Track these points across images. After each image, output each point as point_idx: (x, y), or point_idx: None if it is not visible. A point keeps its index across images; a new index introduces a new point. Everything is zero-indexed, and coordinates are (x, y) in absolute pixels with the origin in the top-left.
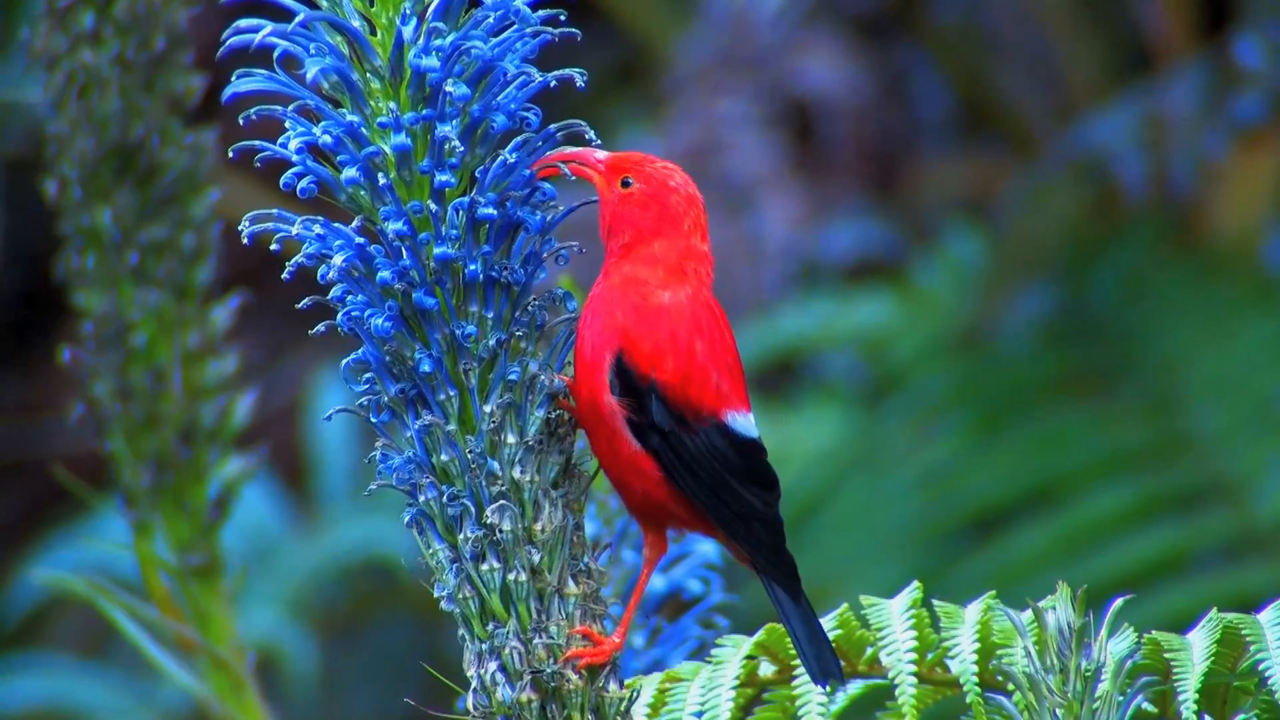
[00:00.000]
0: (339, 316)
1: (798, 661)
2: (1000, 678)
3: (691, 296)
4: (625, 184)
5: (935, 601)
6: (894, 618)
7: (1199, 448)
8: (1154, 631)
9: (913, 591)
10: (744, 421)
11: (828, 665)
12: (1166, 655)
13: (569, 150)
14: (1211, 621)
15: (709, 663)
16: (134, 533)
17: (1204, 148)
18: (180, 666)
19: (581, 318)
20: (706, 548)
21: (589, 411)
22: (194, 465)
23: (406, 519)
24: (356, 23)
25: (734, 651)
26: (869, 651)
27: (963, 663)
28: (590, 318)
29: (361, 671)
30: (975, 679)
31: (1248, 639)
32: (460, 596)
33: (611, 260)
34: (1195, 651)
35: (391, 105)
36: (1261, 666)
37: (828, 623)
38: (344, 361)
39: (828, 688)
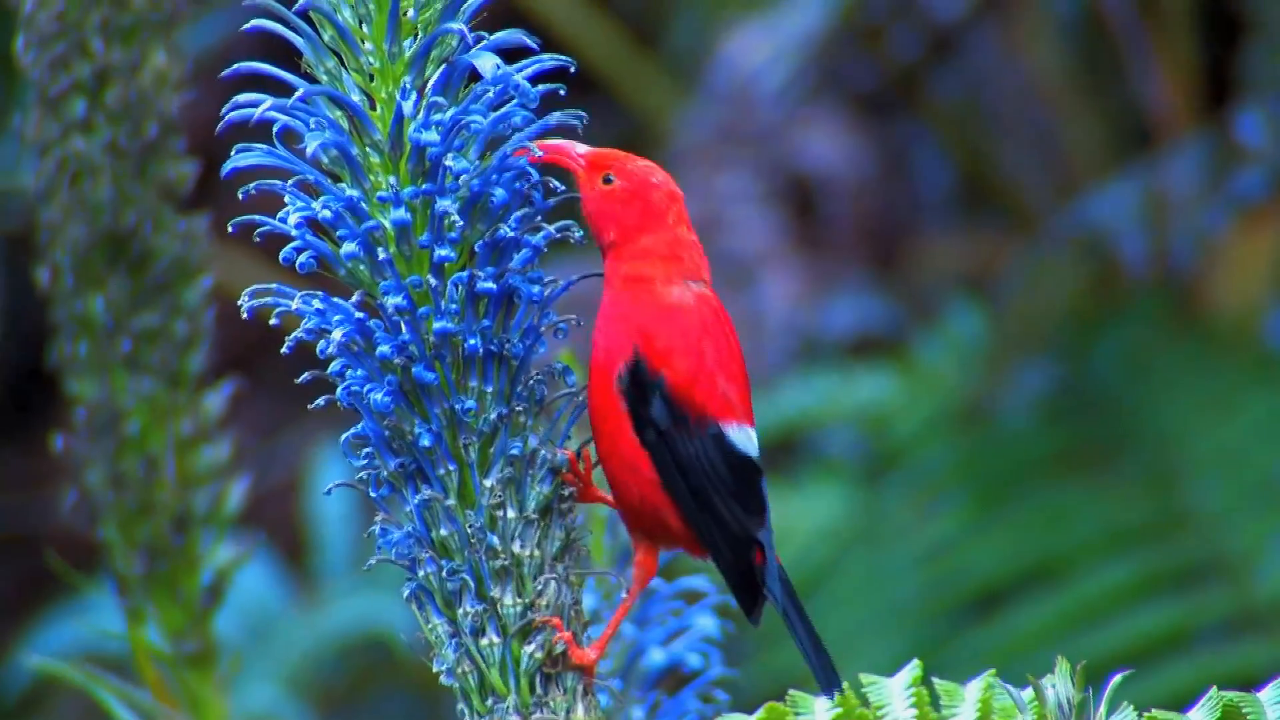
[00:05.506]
0: (338, 391)
1: None
2: None
3: (698, 296)
4: (607, 180)
5: (935, 679)
6: (894, 696)
7: (1199, 524)
8: (1154, 710)
9: (913, 669)
10: (743, 436)
11: (830, 675)
12: None
13: (552, 141)
14: (1212, 699)
15: None
16: (128, 620)
17: (1205, 224)
18: None
19: (596, 324)
20: (706, 621)
21: (595, 409)
22: (187, 553)
23: (406, 593)
24: (356, 97)
25: None
26: None
27: None
28: (603, 322)
29: None
30: None
31: (1249, 717)
32: (460, 671)
33: (608, 264)
34: None
35: (391, 180)
36: None
37: (826, 701)
38: (343, 436)
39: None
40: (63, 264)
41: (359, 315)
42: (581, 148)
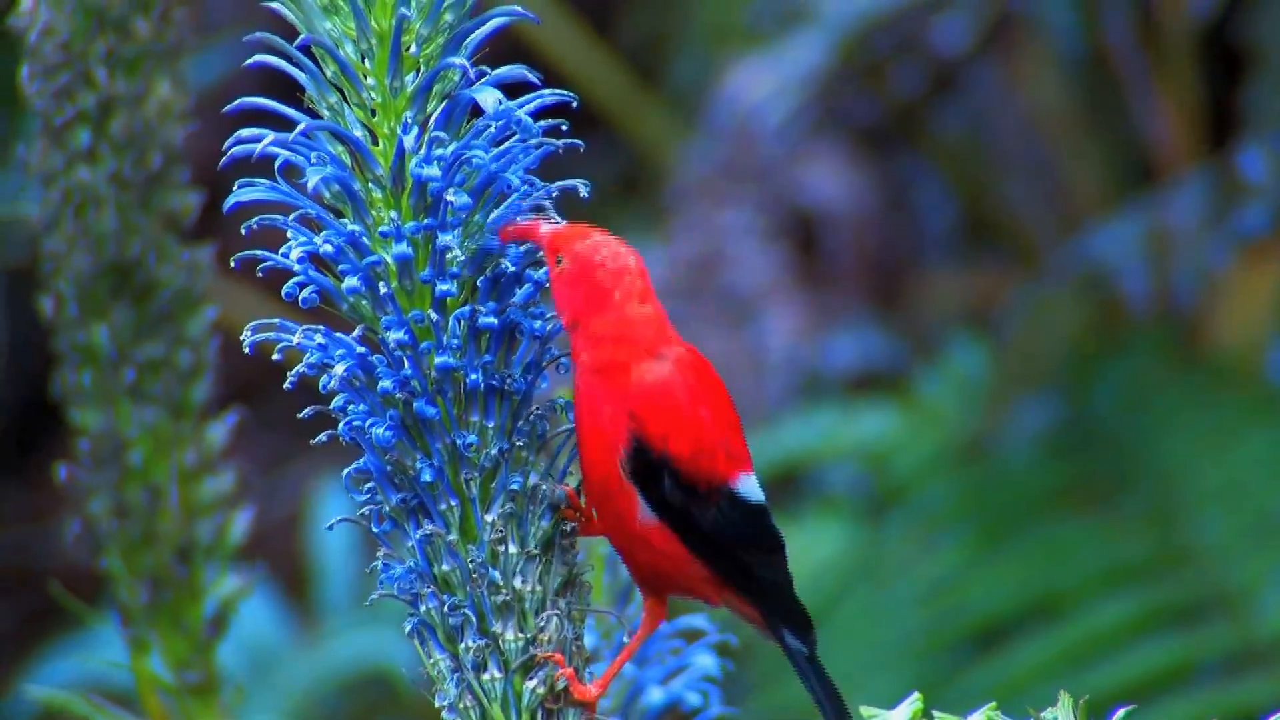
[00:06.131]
0: (340, 426)
1: None
2: None
3: (674, 361)
4: (559, 262)
5: (936, 713)
6: None
7: (1201, 560)
8: None
9: (913, 703)
10: (749, 485)
11: (841, 713)
12: None
13: (521, 222)
14: None
15: None
16: (131, 650)
17: (1207, 260)
18: None
19: (577, 413)
20: (705, 660)
21: (598, 492)
22: (191, 583)
23: (408, 628)
24: (358, 132)
25: None
26: None
27: None
28: (587, 413)
29: None
30: None
31: None
32: (462, 706)
33: (573, 348)
34: None
35: (393, 214)
36: None
37: None
38: (345, 471)
39: None
40: (66, 294)
41: (361, 350)
42: (547, 226)
